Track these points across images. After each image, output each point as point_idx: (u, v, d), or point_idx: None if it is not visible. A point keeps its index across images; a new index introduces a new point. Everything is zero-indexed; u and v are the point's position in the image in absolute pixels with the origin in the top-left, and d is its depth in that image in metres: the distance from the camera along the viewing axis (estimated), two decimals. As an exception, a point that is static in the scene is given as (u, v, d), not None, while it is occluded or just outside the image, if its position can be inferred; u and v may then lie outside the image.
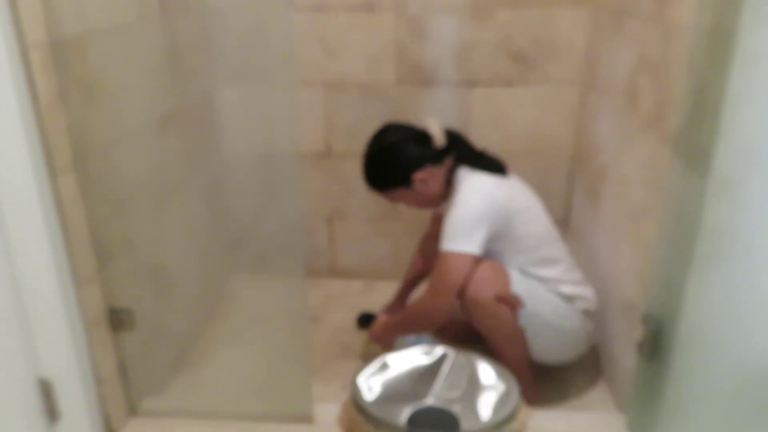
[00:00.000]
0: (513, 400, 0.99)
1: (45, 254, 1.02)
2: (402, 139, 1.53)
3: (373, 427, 0.97)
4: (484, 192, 1.46)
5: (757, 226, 0.91)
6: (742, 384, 0.95)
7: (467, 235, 1.40)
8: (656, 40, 1.32)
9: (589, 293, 1.56)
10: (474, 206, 1.42)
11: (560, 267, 1.53)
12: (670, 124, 1.22)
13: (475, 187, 1.46)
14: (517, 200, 1.50)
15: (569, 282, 1.52)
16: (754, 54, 0.88)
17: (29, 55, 0.98)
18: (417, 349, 1.14)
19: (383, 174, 1.54)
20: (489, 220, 1.42)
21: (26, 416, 1.04)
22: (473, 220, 1.41)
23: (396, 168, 1.51)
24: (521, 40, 1.90)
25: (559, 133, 2.01)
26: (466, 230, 1.41)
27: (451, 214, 1.43)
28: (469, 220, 1.41)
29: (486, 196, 1.45)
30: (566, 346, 1.55)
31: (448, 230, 1.42)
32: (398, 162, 1.51)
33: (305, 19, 1.91)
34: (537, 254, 1.51)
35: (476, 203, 1.43)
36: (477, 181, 1.48)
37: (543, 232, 1.53)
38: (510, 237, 1.46)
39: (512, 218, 1.46)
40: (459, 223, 1.41)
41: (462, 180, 1.49)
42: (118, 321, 1.25)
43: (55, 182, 1.05)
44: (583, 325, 1.53)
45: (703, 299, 1.01)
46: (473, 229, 1.41)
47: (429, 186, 1.52)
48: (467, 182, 1.48)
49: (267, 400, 1.36)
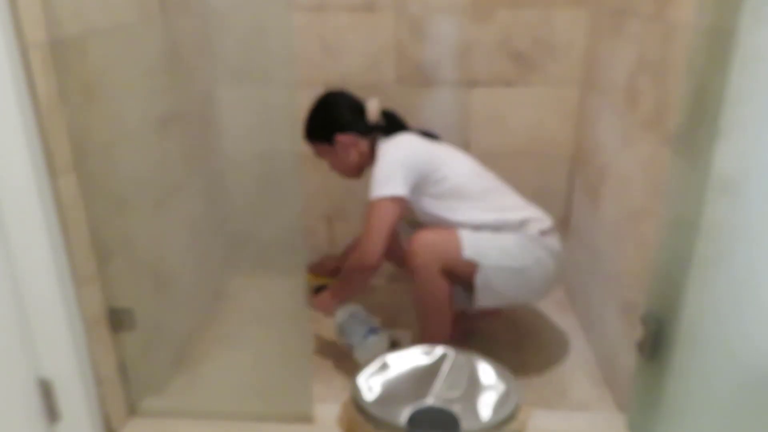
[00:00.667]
0: (513, 400, 0.99)
1: (45, 254, 1.02)
2: (338, 102, 1.67)
3: (373, 427, 0.97)
4: (402, 144, 1.59)
5: (757, 225, 0.91)
6: (742, 383, 0.95)
7: (388, 179, 1.50)
8: (656, 40, 1.32)
9: (537, 213, 1.63)
10: (392, 155, 1.54)
11: (497, 195, 1.62)
12: (670, 124, 1.22)
13: (392, 143, 1.59)
14: (439, 151, 1.62)
15: (511, 207, 1.60)
16: (754, 54, 0.88)
17: (29, 55, 0.98)
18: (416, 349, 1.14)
19: (311, 125, 1.66)
20: (409, 163, 1.53)
21: (26, 416, 1.04)
22: (393, 166, 1.51)
23: (323, 122, 1.65)
24: (521, 40, 1.90)
25: (559, 133, 2.01)
26: (387, 176, 1.50)
27: (374, 170, 1.54)
28: (389, 166, 1.52)
29: (404, 147, 1.58)
30: (538, 280, 1.58)
31: (373, 182, 1.51)
32: (327, 117, 1.64)
33: (305, 19, 1.91)
34: (470, 190, 1.59)
35: (394, 152, 1.55)
36: (396, 139, 1.60)
37: (470, 168, 1.65)
38: (436, 177, 1.55)
39: (433, 159, 1.56)
40: (380, 172, 1.51)
41: (383, 146, 1.60)
42: (118, 321, 1.25)
43: (55, 182, 1.05)
44: (545, 250, 1.56)
45: (704, 299, 1.01)
46: (393, 173, 1.50)
47: (349, 152, 1.64)
48: (386, 144, 1.60)
49: (267, 400, 1.36)
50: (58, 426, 1.09)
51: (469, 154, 1.71)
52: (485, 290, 1.53)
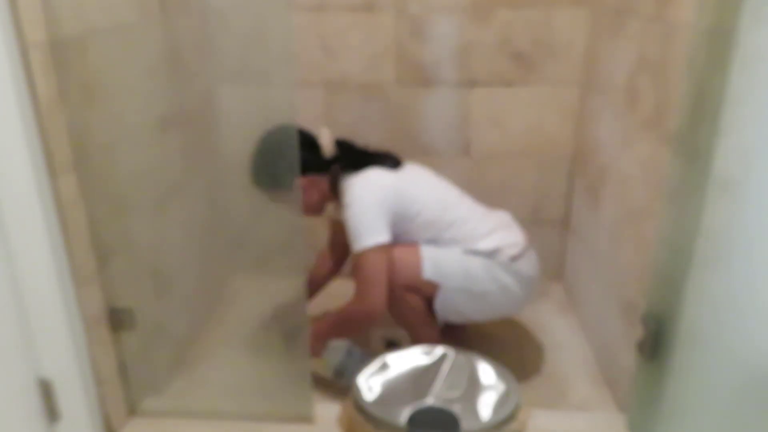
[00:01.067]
0: (513, 400, 0.99)
1: (45, 254, 1.02)
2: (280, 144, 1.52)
3: (373, 427, 0.97)
4: (371, 184, 1.49)
5: (756, 225, 0.91)
6: (742, 384, 0.95)
7: (370, 227, 1.43)
8: (656, 40, 1.32)
9: (510, 237, 1.56)
10: (365, 199, 1.46)
11: (470, 225, 1.55)
12: (670, 124, 1.22)
13: (359, 183, 1.49)
14: (405, 177, 1.54)
15: (484, 235, 1.53)
16: (754, 54, 0.88)
17: (29, 55, 0.98)
18: (416, 349, 1.14)
19: (265, 174, 1.52)
20: (384, 205, 1.46)
21: (26, 416, 1.04)
22: (370, 212, 1.45)
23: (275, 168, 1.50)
24: (521, 40, 1.90)
25: (559, 133, 2.01)
26: (368, 223, 1.44)
27: (348, 216, 1.46)
28: (366, 213, 1.44)
29: (373, 186, 1.48)
30: (502, 304, 1.56)
31: (352, 231, 1.44)
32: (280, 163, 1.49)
33: (305, 19, 1.91)
34: (443, 222, 1.53)
35: (366, 196, 1.46)
36: (361, 179, 1.50)
37: (441, 197, 1.57)
38: (410, 215, 1.50)
39: (405, 196, 1.50)
40: (358, 221, 1.44)
41: (348, 185, 1.50)
42: (118, 321, 1.25)
43: (55, 182, 1.05)
44: (514, 276, 1.52)
45: (703, 299, 1.01)
46: (373, 220, 1.44)
47: (308, 194, 1.54)
48: (353, 184, 1.49)
49: (267, 400, 1.36)
50: (58, 426, 1.09)
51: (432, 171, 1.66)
52: (445, 310, 1.53)
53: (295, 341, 1.55)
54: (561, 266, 2.17)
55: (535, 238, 2.15)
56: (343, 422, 1.04)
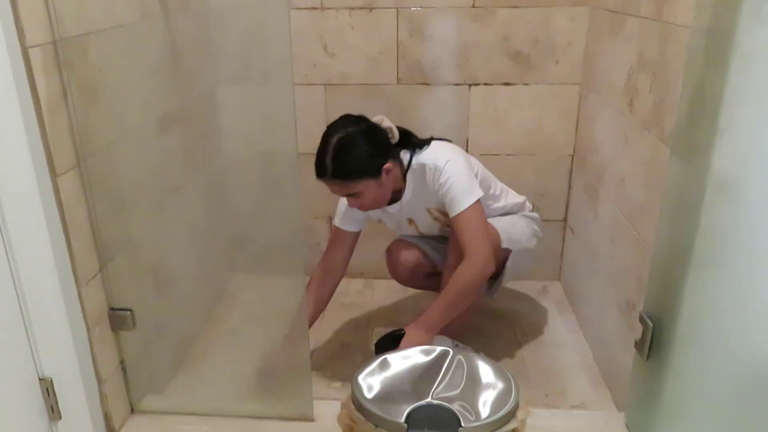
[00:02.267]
0: (512, 398, 0.99)
1: (46, 254, 1.03)
2: (376, 128, 1.49)
3: (372, 425, 0.97)
4: (451, 148, 1.55)
5: (755, 225, 0.91)
6: (740, 382, 0.95)
7: (469, 185, 1.48)
8: (655, 40, 1.32)
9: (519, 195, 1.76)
10: (457, 160, 1.50)
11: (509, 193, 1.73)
12: (669, 124, 1.23)
13: (442, 151, 1.53)
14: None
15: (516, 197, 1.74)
16: (753, 53, 0.88)
17: (30, 56, 0.98)
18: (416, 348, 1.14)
19: (357, 161, 1.43)
20: (470, 169, 1.52)
21: (28, 414, 1.04)
22: (465, 171, 1.49)
23: (369, 155, 1.44)
24: (521, 40, 1.91)
25: (559, 133, 2.01)
26: (466, 181, 1.47)
27: (445, 179, 1.47)
28: (462, 172, 1.48)
29: (455, 150, 1.55)
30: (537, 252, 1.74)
31: (455, 191, 1.46)
32: (373, 148, 1.45)
33: (305, 19, 1.92)
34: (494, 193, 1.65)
35: (455, 157, 1.51)
36: (440, 148, 1.55)
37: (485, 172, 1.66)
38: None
39: (471, 164, 1.58)
40: (458, 180, 1.46)
41: (429, 158, 1.51)
42: (119, 320, 1.26)
43: (56, 182, 1.05)
44: (539, 224, 1.76)
45: (702, 298, 1.02)
46: (469, 177, 1.49)
47: (392, 179, 1.50)
48: (435, 154, 1.52)
49: (267, 398, 1.36)
50: (59, 424, 1.10)
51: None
52: (511, 274, 1.66)
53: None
54: (560, 265, 2.18)
55: (534, 238, 2.16)
56: (343, 420, 1.04)
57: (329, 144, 1.43)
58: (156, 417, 1.33)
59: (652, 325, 1.14)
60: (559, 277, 2.18)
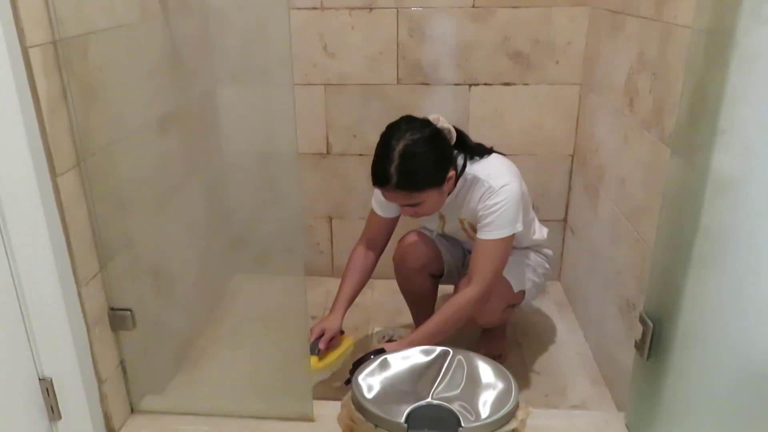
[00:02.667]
0: (512, 398, 0.99)
1: (46, 254, 1.03)
2: (438, 131, 1.37)
3: (372, 425, 0.97)
4: (513, 170, 1.45)
5: (755, 224, 0.91)
6: (740, 382, 0.95)
7: (515, 217, 1.39)
8: (655, 40, 1.32)
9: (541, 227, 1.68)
10: (514, 186, 1.40)
11: (533, 224, 1.63)
12: (669, 124, 1.23)
13: (505, 169, 1.44)
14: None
15: (537, 230, 1.65)
16: (753, 53, 0.88)
17: (30, 56, 0.98)
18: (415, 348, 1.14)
19: (424, 171, 1.33)
20: (525, 199, 1.46)
21: (28, 414, 1.04)
22: (517, 202, 1.39)
23: (436, 164, 1.35)
24: (521, 40, 1.91)
25: (559, 133, 2.01)
26: (514, 213, 1.39)
27: (493, 201, 1.38)
28: (514, 202, 1.39)
29: (514, 176, 1.43)
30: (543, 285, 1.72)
31: (496, 219, 1.38)
32: (439, 157, 1.35)
33: (305, 19, 1.92)
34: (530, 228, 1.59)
35: (514, 182, 1.41)
36: (503, 164, 1.47)
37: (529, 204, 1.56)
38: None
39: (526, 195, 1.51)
40: (506, 208, 1.38)
41: (489, 172, 1.42)
42: (119, 320, 1.26)
43: (56, 182, 1.05)
44: (549, 261, 1.71)
45: (702, 298, 1.02)
46: (518, 210, 1.40)
47: (451, 187, 1.42)
48: (496, 169, 1.43)
49: (267, 398, 1.36)
50: (59, 424, 1.10)
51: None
52: (524, 306, 1.68)
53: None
54: (560, 265, 2.18)
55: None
56: (343, 420, 1.04)
57: (393, 150, 1.31)
58: (156, 417, 1.33)
59: (652, 325, 1.14)
60: (559, 277, 2.19)
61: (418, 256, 1.63)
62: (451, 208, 1.53)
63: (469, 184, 1.45)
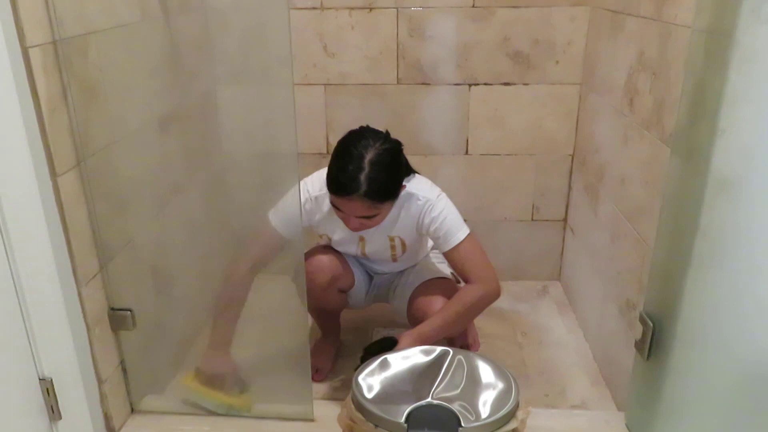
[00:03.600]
0: (512, 398, 0.99)
1: (46, 254, 1.03)
2: (398, 143, 1.40)
3: (373, 425, 0.97)
4: (435, 187, 1.51)
5: (755, 224, 0.91)
6: (739, 382, 0.95)
7: (461, 219, 1.46)
8: (655, 40, 1.32)
9: None
10: (445, 197, 1.48)
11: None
12: (669, 123, 1.23)
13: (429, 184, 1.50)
14: None
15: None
16: (753, 53, 0.88)
17: (30, 56, 0.98)
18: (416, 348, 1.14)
19: (392, 181, 1.35)
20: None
21: (28, 414, 1.04)
22: (454, 207, 1.47)
23: (400, 176, 1.39)
24: (521, 40, 1.91)
25: (559, 133, 2.01)
26: (458, 216, 1.46)
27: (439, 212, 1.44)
28: (452, 207, 1.46)
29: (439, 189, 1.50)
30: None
31: (449, 223, 1.43)
32: (400, 168, 1.39)
33: (305, 19, 1.92)
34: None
35: (443, 195, 1.48)
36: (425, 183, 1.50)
37: None
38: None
39: None
40: (452, 213, 1.45)
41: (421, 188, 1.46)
42: (119, 320, 1.26)
43: (56, 182, 1.05)
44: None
45: (702, 298, 1.02)
46: (458, 213, 1.47)
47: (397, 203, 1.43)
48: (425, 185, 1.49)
49: (267, 398, 1.36)
50: (59, 424, 1.10)
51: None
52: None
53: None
54: (560, 265, 2.18)
55: (534, 238, 2.16)
56: (343, 420, 1.04)
57: (363, 159, 1.30)
58: (156, 417, 1.33)
59: (652, 325, 1.14)
60: (559, 277, 2.19)
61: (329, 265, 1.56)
62: (378, 228, 1.48)
63: (402, 200, 1.45)
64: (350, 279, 1.63)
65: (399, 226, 1.49)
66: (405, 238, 1.52)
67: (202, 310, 1.85)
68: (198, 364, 1.40)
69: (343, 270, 1.60)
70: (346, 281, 1.62)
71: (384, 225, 1.46)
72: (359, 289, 1.67)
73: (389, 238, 1.54)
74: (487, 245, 2.15)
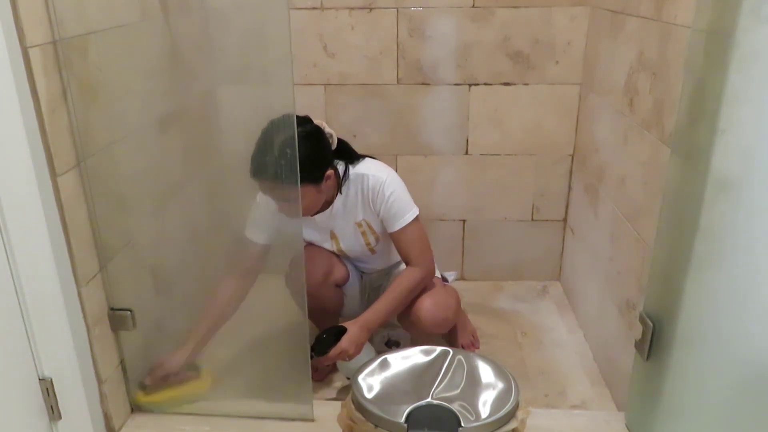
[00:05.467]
0: (512, 398, 0.99)
1: (46, 254, 1.03)
2: (318, 129, 1.43)
3: (372, 425, 0.97)
4: (388, 167, 1.54)
5: (755, 225, 0.91)
6: (740, 382, 0.95)
7: (410, 201, 1.50)
8: (655, 40, 1.32)
9: None
10: (395, 177, 1.50)
11: None
12: (669, 124, 1.23)
13: (380, 167, 1.53)
14: None
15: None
16: (753, 53, 0.88)
17: (30, 56, 0.98)
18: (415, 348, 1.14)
19: (304, 164, 1.24)
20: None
21: (28, 414, 1.04)
22: (404, 188, 1.50)
23: (315, 159, 1.38)
24: (521, 40, 1.91)
25: (558, 133, 2.01)
26: (407, 197, 1.49)
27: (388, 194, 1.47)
28: (402, 188, 1.50)
29: (392, 170, 1.54)
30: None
31: (398, 205, 1.47)
32: (318, 153, 1.40)
33: (305, 19, 1.92)
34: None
35: (394, 175, 1.51)
36: (377, 165, 1.53)
37: None
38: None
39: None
40: (401, 195, 1.48)
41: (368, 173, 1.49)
42: (119, 320, 1.26)
43: (56, 182, 1.05)
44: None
45: (701, 298, 1.02)
46: (407, 195, 1.50)
47: (330, 188, 1.46)
48: (374, 169, 1.51)
49: (267, 399, 1.36)
50: (59, 424, 1.10)
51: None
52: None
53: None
54: (560, 265, 2.18)
55: (534, 238, 2.16)
56: (343, 420, 1.04)
57: (272, 143, 1.31)
58: (156, 417, 1.33)
59: (652, 325, 1.14)
60: (559, 277, 2.19)
61: (320, 264, 1.59)
62: (344, 217, 1.53)
63: (357, 184, 1.50)
64: (344, 271, 1.66)
65: (360, 210, 1.53)
66: (371, 222, 1.55)
67: (202, 310, 1.85)
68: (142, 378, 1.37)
69: (336, 262, 1.64)
70: (341, 273, 1.64)
71: (348, 212, 1.53)
72: (353, 282, 1.69)
73: (356, 224, 1.55)
74: (487, 245, 2.16)
